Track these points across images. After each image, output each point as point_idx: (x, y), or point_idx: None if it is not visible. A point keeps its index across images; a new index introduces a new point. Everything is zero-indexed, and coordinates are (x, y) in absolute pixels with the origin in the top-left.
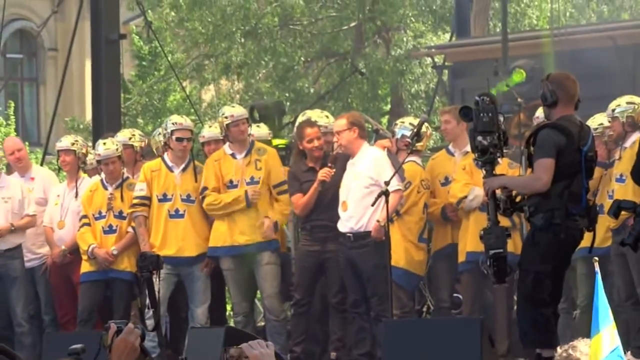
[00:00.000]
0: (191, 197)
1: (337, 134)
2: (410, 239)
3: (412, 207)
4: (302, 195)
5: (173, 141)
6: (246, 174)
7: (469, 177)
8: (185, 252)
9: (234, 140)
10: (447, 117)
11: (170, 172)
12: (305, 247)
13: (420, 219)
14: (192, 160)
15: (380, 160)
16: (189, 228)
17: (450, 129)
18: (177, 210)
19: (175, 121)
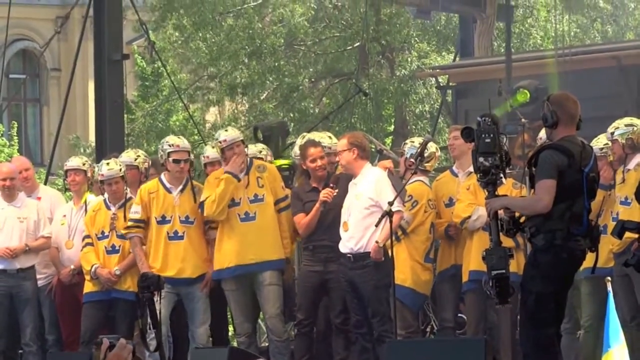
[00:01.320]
0: (190, 219)
1: (339, 154)
2: (416, 258)
3: (418, 226)
4: (304, 215)
5: (170, 163)
6: (249, 192)
7: (473, 197)
8: (185, 273)
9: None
10: (457, 134)
11: (168, 193)
12: (307, 267)
13: (426, 239)
14: (189, 180)
15: (381, 181)
16: (189, 249)
17: (458, 145)
18: (176, 232)
19: (171, 142)
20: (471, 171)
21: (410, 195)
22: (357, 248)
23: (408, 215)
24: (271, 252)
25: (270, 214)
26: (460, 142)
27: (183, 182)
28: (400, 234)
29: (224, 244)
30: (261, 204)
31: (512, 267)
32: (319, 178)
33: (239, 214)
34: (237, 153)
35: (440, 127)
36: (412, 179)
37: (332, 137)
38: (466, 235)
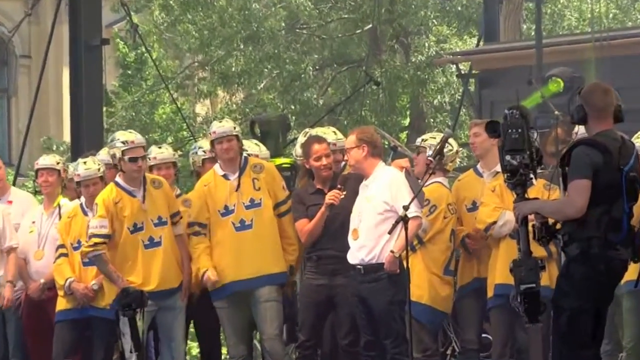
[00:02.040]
0: (163, 219)
1: (347, 151)
2: (434, 270)
3: (437, 234)
4: (307, 220)
5: (126, 162)
6: (244, 197)
7: (499, 200)
8: (168, 283)
9: (219, 159)
10: (477, 130)
11: (133, 197)
12: (310, 280)
13: (446, 248)
14: (145, 180)
15: (397, 183)
16: (169, 254)
17: (480, 143)
18: (151, 238)
19: (125, 139)
20: (498, 171)
21: (428, 199)
22: (368, 259)
23: (425, 222)
24: (271, 264)
25: (268, 220)
26: (482, 139)
27: (141, 181)
28: (416, 243)
29: (218, 257)
30: (258, 210)
31: (544, 280)
32: (324, 179)
33: (234, 222)
34: (226, 149)
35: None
36: (430, 180)
37: (339, 133)
38: (491, 243)
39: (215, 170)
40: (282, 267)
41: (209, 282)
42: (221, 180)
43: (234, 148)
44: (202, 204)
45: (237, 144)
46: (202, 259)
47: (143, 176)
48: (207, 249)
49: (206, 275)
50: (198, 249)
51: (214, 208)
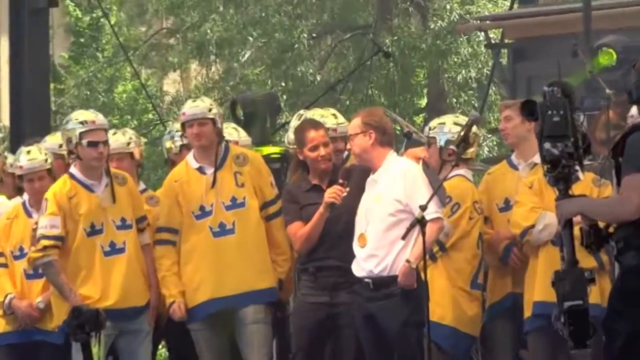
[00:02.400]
0: (127, 222)
1: (350, 139)
2: (459, 284)
3: (462, 239)
4: (302, 223)
5: (83, 147)
6: (223, 195)
7: (538, 198)
8: (132, 300)
9: (192, 146)
10: (509, 113)
11: (90, 192)
12: (306, 297)
13: (473, 257)
14: (108, 171)
15: (412, 177)
16: (133, 265)
17: (512, 129)
18: (112, 244)
19: (84, 119)
20: (536, 162)
21: (450, 196)
22: (378, 270)
23: (447, 224)
24: (257, 278)
25: (254, 223)
26: (516, 123)
27: (103, 173)
28: (437, 250)
29: (192, 270)
30: (241, 211)
31: (593, 297)
32: (322, 172)
33: (211, 226)
34: (196, 134)
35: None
36: (452, 172)
37: (340, 116)
38: (529, 252)
39: (189, 162)
40: (271, 282)
41: (176, 316)
42: (195, 175)
43: (206, 134)
44: (172, 205)
45: (214, 129)
46: (168, 282)
47: (106, 168)
48: (173, 267)
49: (173, 308)
50: (162, 265)
51: (187, 209)
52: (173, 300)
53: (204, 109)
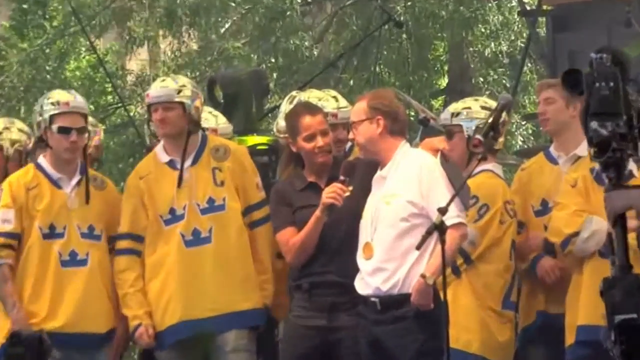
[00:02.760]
0: (96, 231)
1: (354, 127)
2: (489, 303)
3: (492, 248)
4: (295, 230)
5: (53, 134)
6: (199, 195)
7: (583, 199)
8: (89, 325)
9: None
10: (551, 94)
11: (56, 188)
12: (300, 320)
13: (505, 269)
14: (86, 167)
15: (430, 174)
16: (96, 283)
17: (554, 114)
18: (73, 253)
19: (57, 99)
20: (580, 155)
21: (476, 196)
22: (387, 287)
23: (473, 231)
24: (240, 296)
25: (235, 230)
26: (557, 107)
27: (78, 168)
28: (461, 262)
29: (160, 286)
30: (220, 215)
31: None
32: (319, 167)
33: (183, 233)
34: (160, 120)
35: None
36: (478, 167)
37: (342, 99)
38: (572, 265)
39: (157, 154)
40: (256, 302)
41: (142, 342)
42: (165, 170)
43: (172, 120)
44: (136, 206)
45: (183, 115)
46: (131, 301)
47: (84, 162)
48: (138, 282)
49: (138, 332)
50: (125, 281)
51: (154, 212)
52: (138, 323)
53: (171, 91)
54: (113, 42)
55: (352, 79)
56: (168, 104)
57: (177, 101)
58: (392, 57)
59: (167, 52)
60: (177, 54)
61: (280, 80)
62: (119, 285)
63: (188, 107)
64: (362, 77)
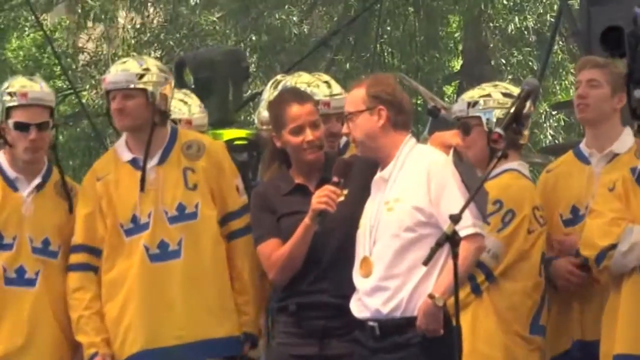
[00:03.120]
0: (51, 247)
1: (350, 118)
2: (515, 327)
3: (519, 263)
4: (279, 242)
5: (10, 129)
6: (166, 200)
7: (622, 205)
8: (32, 355)
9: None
10: (596, 75)
11: (12, 190)
12: (286, 348)
13: (534, 287)
14: (51, 168)
15: (440, 175)
16: (44, 308)
17: (596, 101)
18: (21, 270)
19: (15, 89)
20: (618, 152)
21: (499, 200)
22: (388, 309)
23: (497, 242)
24: (213, 321)
25: (210, 242)
26: (602, 93)
27: (43, 170)
28: (482, 279)
29: (119, 309)
30: (192, 225)
31: None
32: (309, 166)
33: (148, 246)
34: (118, 110)
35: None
36: (500, 167)
37: (336, 85)
38: (608, 282)
39: (118, 151)
40: (232, 328)
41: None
42: (127, 171)
43: (132, 111)
44: (92, 213)
45: (146, 104)
46: (87, 325)
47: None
48: (94, 303)
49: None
50: (79, 301)
51: (114, 221)
52: (94, 352)
53: (131, 76)
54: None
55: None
56: (127, 90)
57: (138, 88)
58: (396, 34)
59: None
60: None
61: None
62: (72, 306)
63: (152, 94)
64: (360, 59)
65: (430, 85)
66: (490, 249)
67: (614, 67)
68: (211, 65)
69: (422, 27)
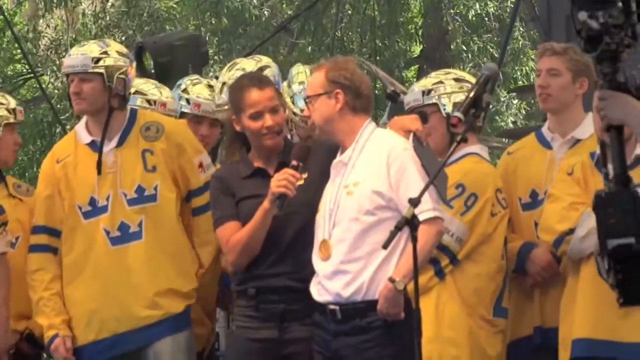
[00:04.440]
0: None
1: (310, 102)
2: (479, 311)
3: (482, 245)
4: (238, 225)
5: None
6: (125, 183)
7: (581, 190)
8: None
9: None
10: (555, 64)
11: None
12: (245, 332)
13: (497, 270)
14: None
15: (400, 159)
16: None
17: (557, 89)
18: None
19: None
20: (580, 138)
21: (461, 184)
22: (349, 293)
23: (461, 226)
24: (174, 298)
25: (169, 224)
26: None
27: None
28: (446, 264)
29: (78, 293)
30: (152, 207)
31: None
32: (268, 150)
33: (107, 229)
34: (75, 93)
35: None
36: (459, 152)
37: (297, 68)
38: (567, 268)
39: (78, 133)
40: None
41: (59, 355)
42: (86, 152)
43: (88, 94)
44: (53, 195)
45: (103, 88)
46: (47, 307)
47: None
48: (54, 284)
49: (54, 345)
50: (39, 282)
51: (72, 202)
52: (55, 333)
53: (87, 60)
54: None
55: (308, 47)
56: (83, 74)
57: (95, 72)
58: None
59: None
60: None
61: (222, 47)
62: (32, 287)
63: (109, 78)
64: (319, 43)
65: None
66: (454, 233)
67: (573, 52)
68: (171, 50)
69: (383, 13)
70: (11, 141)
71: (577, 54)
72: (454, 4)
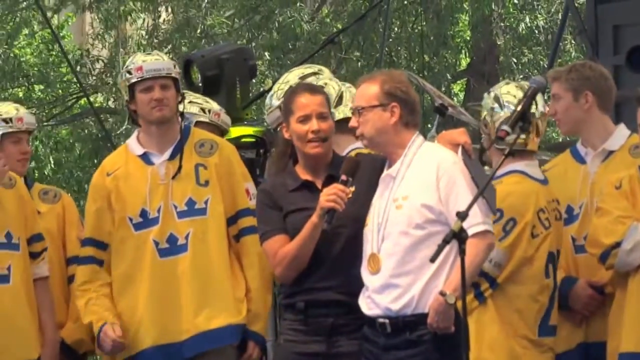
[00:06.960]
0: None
1: (359, 113)
2: (522, 331)
3: (522, 268)
4: (286, 238)
5: None
6: (177, 196)
7: (629, 203)
8: (12, 353)
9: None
10: (555, 89)
11: None
12: (293, 345)
13: (539, 291)
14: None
15: (449, 172)
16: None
17: (562, 112)
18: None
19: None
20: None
21: (499, 210)
22: (399, 307)
23: (498, 251)
24: (218, 313)
25: (216, 238)
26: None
27: None
28: (485, 288)
29: (129, 303)
30: (201, 220)
31: None
32: (315, 160)
33: (157, 240)
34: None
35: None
36: (505, 168)
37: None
38: (614, 281)
39: (130, 146)
40: (237, 317)
41: (107, 342)
42: (137, 164)
43: (170, 101)
44: (102, 208)
45: (176, 96)
46: (95, 305)
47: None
48: (104, 288)
49: (103, 331)
50: (86, 291)
51: (122, 215)
52: (103, 322)
53: (169, 64)
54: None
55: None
56: (164, 80)
57: (173, 76)
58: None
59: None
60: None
61: (270, 62)
62: (79, 296)
63: (179, 87)
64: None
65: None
66: (492, 259)
67: (570, 71)
68: (218, 63)
69: (430, 27)
70: (14, 151)
71: (576, 71)
72: (504, 17)
